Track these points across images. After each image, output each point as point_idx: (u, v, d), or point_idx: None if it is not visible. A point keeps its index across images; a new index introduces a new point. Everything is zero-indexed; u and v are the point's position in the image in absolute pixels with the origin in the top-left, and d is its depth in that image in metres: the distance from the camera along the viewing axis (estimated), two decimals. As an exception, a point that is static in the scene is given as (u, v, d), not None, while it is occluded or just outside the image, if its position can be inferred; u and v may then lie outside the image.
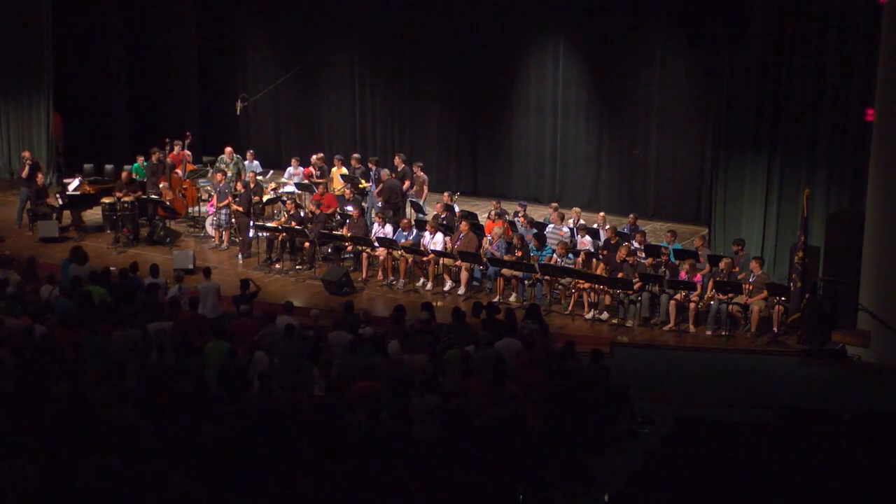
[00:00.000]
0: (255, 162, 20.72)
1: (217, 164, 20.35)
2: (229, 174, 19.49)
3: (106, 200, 18.86)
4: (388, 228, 17.22)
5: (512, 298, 15.89)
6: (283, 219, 17.58)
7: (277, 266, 17.59)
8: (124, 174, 19.57)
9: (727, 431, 10.63)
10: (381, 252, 16.80)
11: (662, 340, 14.82)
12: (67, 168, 22.92)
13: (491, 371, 11.34)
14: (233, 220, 18.43)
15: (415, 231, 17.22)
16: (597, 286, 15.30)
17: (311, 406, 10.49)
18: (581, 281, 15.39)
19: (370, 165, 19.65)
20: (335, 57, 23.95)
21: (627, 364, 13.68)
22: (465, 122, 22.90)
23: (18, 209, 19.79)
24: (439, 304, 15.54)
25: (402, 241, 16.89)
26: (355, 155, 20.40)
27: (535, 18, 21.65)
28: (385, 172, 19.07)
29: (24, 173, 19.39)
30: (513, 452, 9.67)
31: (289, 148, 24.13)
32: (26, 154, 20.22)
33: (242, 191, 18.34)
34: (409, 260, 16.68)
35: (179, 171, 20.07)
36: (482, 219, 18.05)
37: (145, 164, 20.16)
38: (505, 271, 15.92)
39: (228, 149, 20.52)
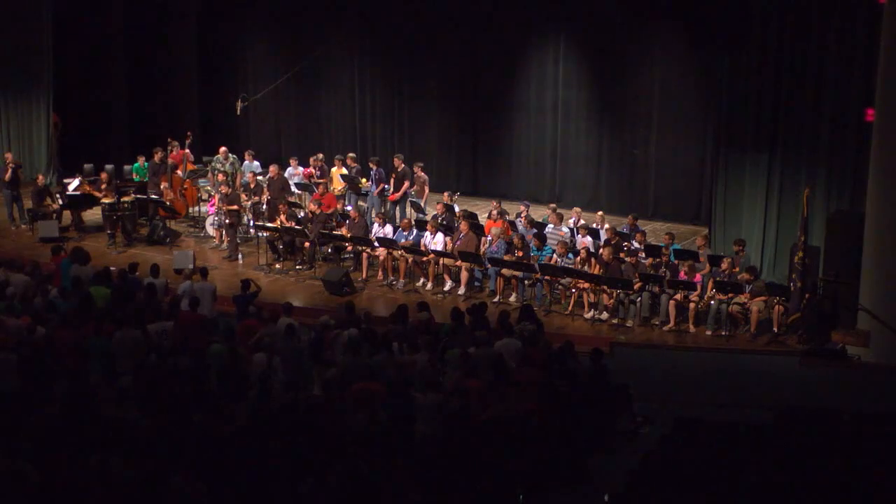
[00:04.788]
0: (255, 162, 20.69)
1: (212, 164, 20.34)
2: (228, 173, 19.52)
3: (106, 200, 18.87)
4: (388, 228, 17.23)
5: (512, 298, 15.90)
6: (277, 221, 17.58)
7: (277, 266, 17.59)
8: (103, 175, 19.63)
9: (727, 431, 10.63)
10: (381, 252, 16.80)
11: (662, 340, 14.82)
12: (64, 168, 22.92)
13: (491, 371, 11.35)
14: (226, 220, 18.41)
15: (415, 231, 17.22)
16: (597, 286, 15.30)
17: (311, 406, 10.49)
18: (581, 281, 15.39)
19: (370, 165, 19.64)
20: (335, 57, 23.93)
21: (627, 364, 13.68)
22: (466, 122, 22.89)
23: (7, 212, 19.77)
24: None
25: (402, 241, 16.89)
26: (351, 154, 20.40)
27: (535, 18, 21.64)
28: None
29: (7, 176, 19.41)
30: (513, 452, 9.67)
31: (289, 148, 24.11)
32: (8, 156, 20.21)
33: (228, 191, 18.25)
34: (409, 260, 16.68)
35: (180, 172, 20.07)
36: (482, 219, 18.05)
37: (146, 163, 20.17)
38: (505, 271, 15.92)
39: (223, 148, 20.48)
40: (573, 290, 15.55)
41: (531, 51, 21.88)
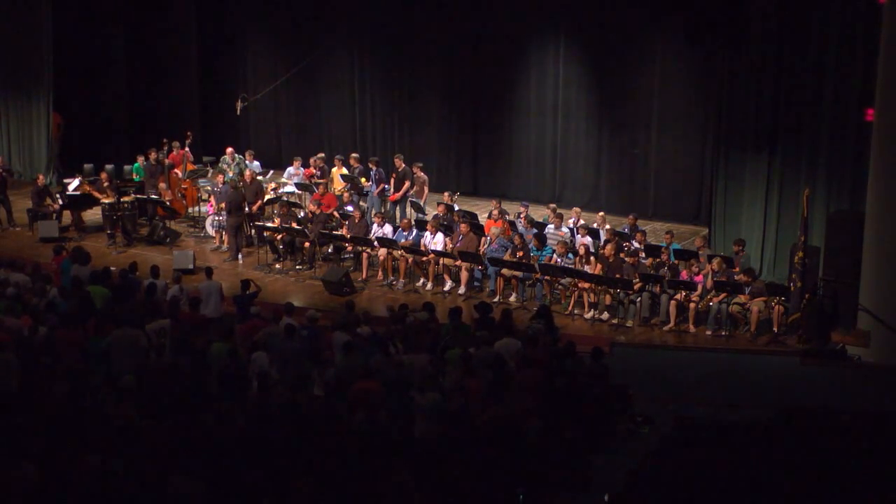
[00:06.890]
0: (256, 162, 20.70)
1: (219, 165, 20.37)
2: (230, 174, 19.50)
3: (106, 200, 18.88)
4: (388, 228, 17.24)
5: (512, 298, 15.90)
6: (277, 221, 17.59)
7: (277, 266, 17.59)
8: (103, 175, 19.66)
9: (727, 431, 10.63)
10: (381, 252, 16.81)
11: (662, 340, 14.82)
12: (64, 168, 22.93)
13: (491, 371, 11.34)
14: (217, 217, 18.34)
15: (415, 231, 17.22)
16: (597, 286, 15.29)
17: (311, 406, 10.49)
18: (581, 281, 15.38)
19: (370, 165, 19.65)
20: (335, 57, 23.96)
21: (627, 364, 13.68)
22: (466, 122, 22.90)
23: None
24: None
25: (402, 241, 16.89)
26: (354, 154, 20.42)
27: (535, 18, 21.65)
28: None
29: None
30: (513, 452, 9.67)
31: (289, 148, 24.12)
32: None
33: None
34: (409, 260, 16.68)
35: (179, 172, 20.08)
36: (482, 219, 18.05)
37: (146, 163, 20.18)
38: (505, 271, 15.92)
39: (230, 149, 20.52)
40: (573, 290, 15.55)
41: (531, 51, 21.89)
